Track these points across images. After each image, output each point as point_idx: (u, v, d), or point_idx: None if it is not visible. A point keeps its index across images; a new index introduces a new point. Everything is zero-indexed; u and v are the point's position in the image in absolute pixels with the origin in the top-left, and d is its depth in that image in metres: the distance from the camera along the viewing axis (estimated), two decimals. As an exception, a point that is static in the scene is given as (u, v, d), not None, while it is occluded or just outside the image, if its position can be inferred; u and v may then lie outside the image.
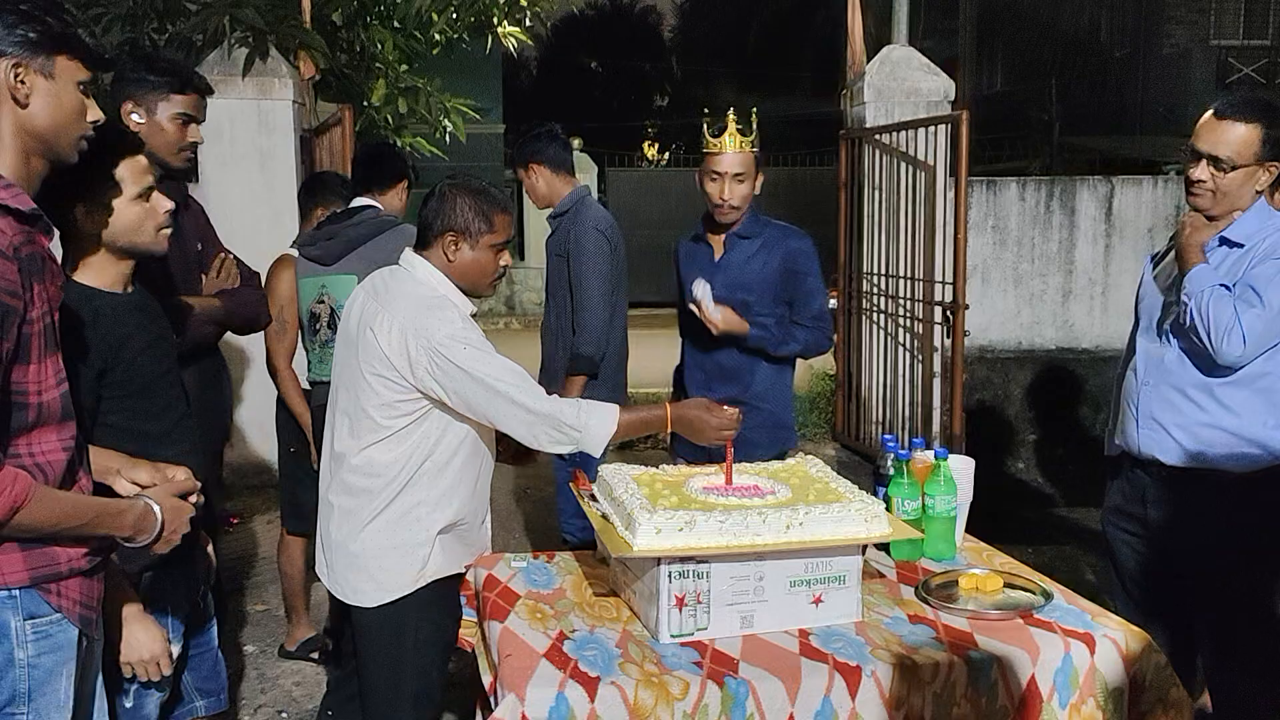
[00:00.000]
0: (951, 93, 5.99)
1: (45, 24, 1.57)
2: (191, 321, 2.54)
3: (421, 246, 2.20)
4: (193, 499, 1.84)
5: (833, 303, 7.03)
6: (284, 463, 3.65)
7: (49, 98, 1.59)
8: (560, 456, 2.71)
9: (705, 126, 2.85)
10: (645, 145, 25.95)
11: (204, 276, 2.74)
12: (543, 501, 3.32)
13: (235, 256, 2.84)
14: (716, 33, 25.13)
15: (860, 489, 2.13)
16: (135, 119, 2.52)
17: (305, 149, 6.06)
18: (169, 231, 2.04)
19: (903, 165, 5.71)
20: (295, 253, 3.40)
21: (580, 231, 3.29)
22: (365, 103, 7.14)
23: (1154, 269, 2.62)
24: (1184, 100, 16.42)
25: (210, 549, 2.25)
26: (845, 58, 6.56)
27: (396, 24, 7.25)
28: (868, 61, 6.15)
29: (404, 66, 7.34)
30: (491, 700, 1.90)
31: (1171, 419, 2.41)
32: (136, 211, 1.96)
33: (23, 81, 1.56)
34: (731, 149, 2.79)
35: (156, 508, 1.73)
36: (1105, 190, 6.14)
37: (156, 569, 2.00)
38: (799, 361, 3.02)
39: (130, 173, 1.95)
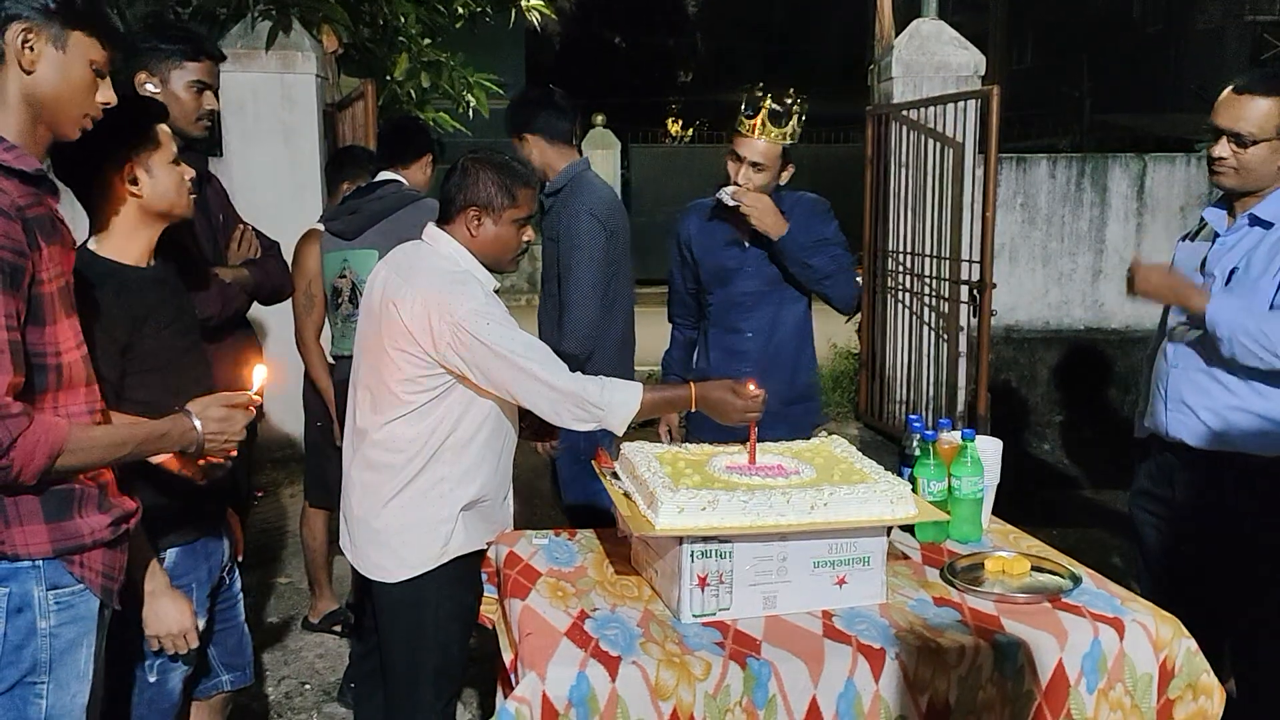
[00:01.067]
0: (982, 67, 5.88)
1: (69, 0, 1.57)
2: (226, 293, 2.53)
3: (444, 221, 2.19)
4: (249, 410, 1.84)
5: (858, 280, 7.00)
6: (310, 436, 3.67)
7: (56, 69, 1.57)
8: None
9: (743, 101, 2.74)
10: (669, 122, 25.78)
11: (226, 251, 2.74)
12: (536, 468, 3.31)
13: (254, 228, 2.83)
14: (742, 7, 24.88)
15: (885, 469, 2.11)
16: (150, 89, 2.51)
17: (328, 123, 6.05)
18: (194, 198, 2.04)
19: (930, 142, 5.63)
20: (321, 227, 3.39)
21: (571, 215, 2.95)
22: (388, 77, 7.11)
23: (1185, 247, 2.57)
24: (1218, 77, 16.14)
25: (238, 525, 2.26)
26: (873, 32, 6.46)
27: (419, -2, 7.20)
28: (896, 36, 6.05)
29: (426, 41, 7.30)
30: (512, 678, 1.89)
31: (1200, 402, 2.37)
32: (176, 175, 1.95)
33: (31, 48, 1.54)
34: (760, 136, 2.71)
35: (196, 421, 1.73)
36: (1137, 168, 6.03)
37: (180, 545, 2.01)
38: (823, 340, 3.00)
39: (165, 137, 1.95)
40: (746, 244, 2.88)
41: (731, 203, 2.75)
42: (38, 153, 1.60)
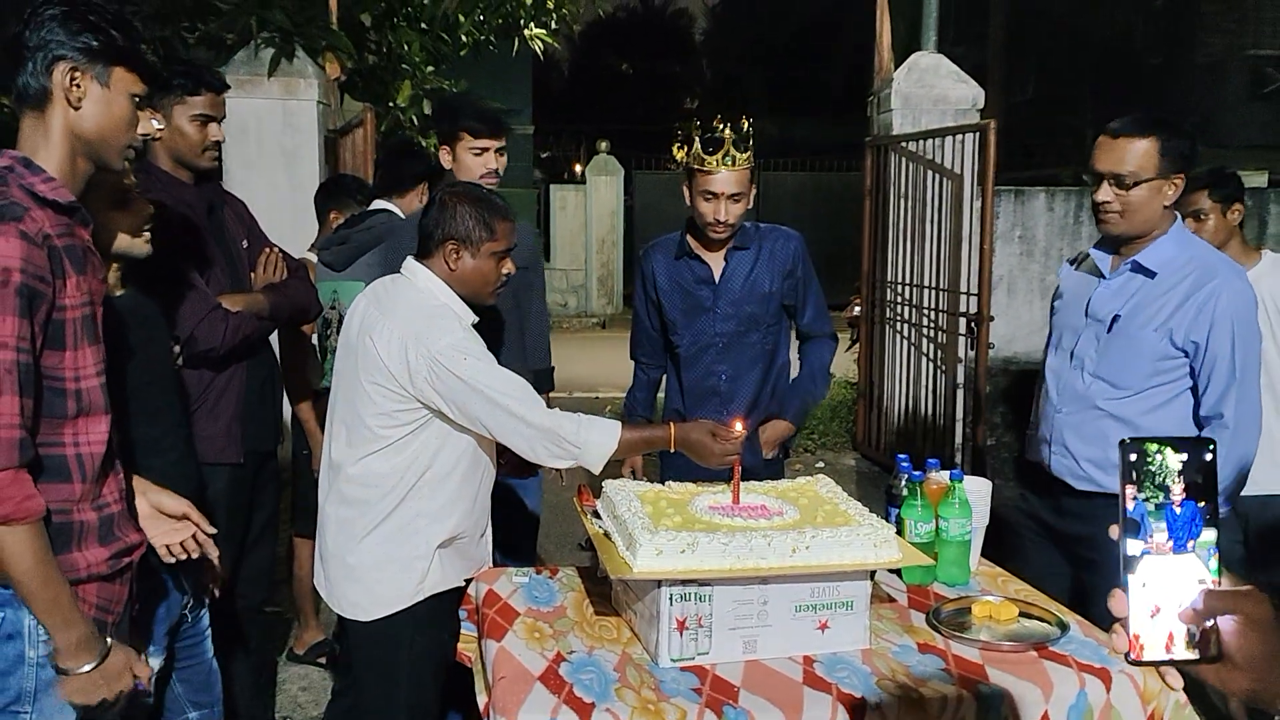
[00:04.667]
0: (980, 100, 5.90)
1: (109, 36, 1.64)
2: (231, 322, 2.48)
3: (423, 255, 2.17)
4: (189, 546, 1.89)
5: (856, 310, 6.98)
6: (296, 465, 3.64)
7: (101, 104, 1.65)
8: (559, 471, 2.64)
9: (695, 137, 2.65)
10: (674, 148, 25.83)
11: (252, 274, 2.73)
12: (558, 507, 3.27)
13: (281, 249, 2.82)
14: (747, 36, 25.04)
15: (876, 504, 2.08)
16: (154, 125, 2.52)
17: (330, 149, 6.07)
18: (147, 237, 2.02)
19: (929, 174, 5.63)
20: (313, 257, 3.38)
21: (533, 239, 3.19)
22: (391, 104, 7.15)
23: (1078, 271, 2.59)
24: (1219, 109, 16.16)
25: (216, 559, 2.21)
26: (874, 63, 6.48)
27: (424, 25, 7.25)
28: (895, 68, 6.07)
29: (430, 68, 7.34)
30: (486, 721, 1.86)
31: (1083, 451, 2.43)
32: (113, 216, 1.94)
33: (77, 85, 1.62)
34: (727, 168, 2.61)
35: (103, 669, 1.62)
36: (1137, 202, 6.02)
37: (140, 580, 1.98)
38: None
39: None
40: (718, 280, 2.80)
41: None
42: (75, 186, 1.67)
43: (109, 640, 1.65)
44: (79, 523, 1.63)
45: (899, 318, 5.99)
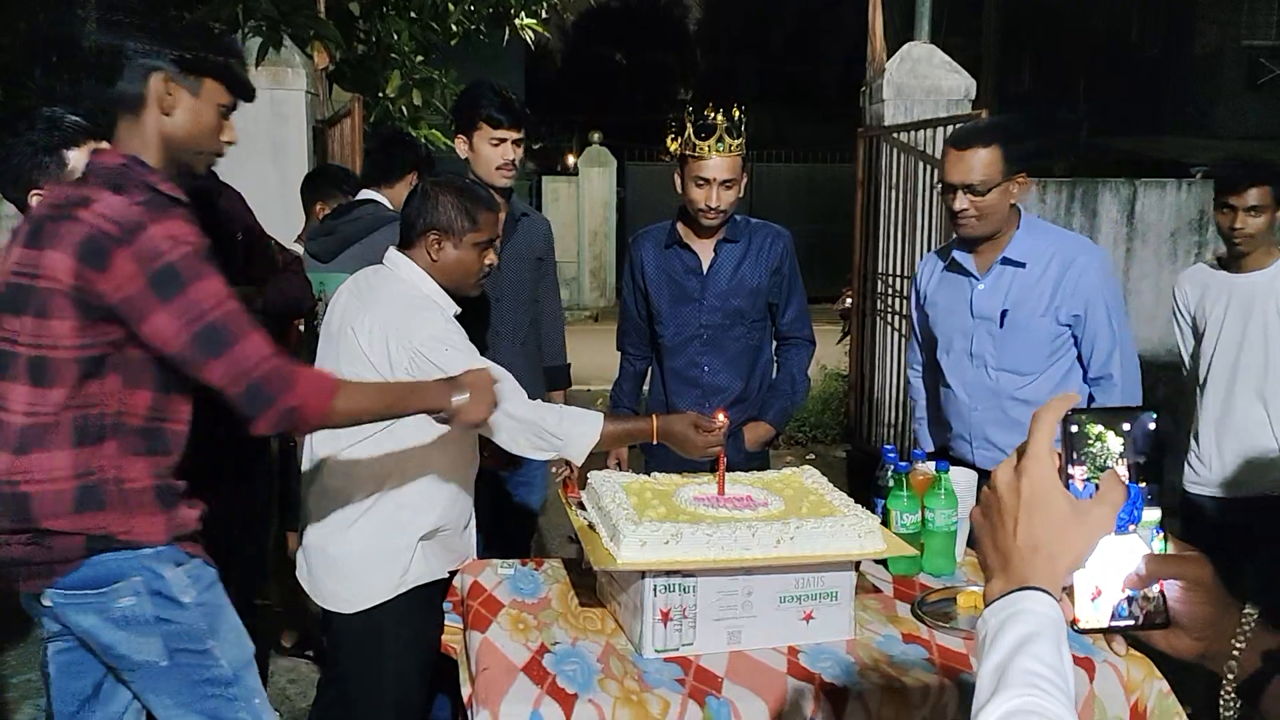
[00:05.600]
0: (973, 91, 5.88)
1: (203, 51, 1.79)
2: None
3: (405, 245, 2.16)
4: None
5: (848, 302, 6.97)
6: (286, 457, 3.62)
7: (191, 113, 1.79)
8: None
9: (688, 124, 2.65)
10: (668, 139, 25.74)
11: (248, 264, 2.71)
12: (547, 498, 3.28)
13: (277, 241, 2.79)
14: (741, 26, 24.99)
15: (865, 494, 2.07)
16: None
17: (318, 140, 6.04)
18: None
19: (921, 164, 5.62)
20: (300, 248, 3.36)
21: (548, 229, 3.12)
22: (380, 94, 7.11)
23: (941, 271, 2.71)
24: (1215, 101, 16.16)
25: None
26: (866, 54, 6.46)
27: (413, 15, 7.20)
28: (888, 58, 6.05)
29: (420, 58, 7.29)
30: (469, 713, 1.85)
31: (1005, 439, 2.56)
32: None
33: (170, 94, 1.76)
34: (720, 154, 2.62)
35: (456, 395, 1.88)
36: (1128, 193, 6.02)
37: None
38: (813, 362, 2.99)
39: (80, 161, 1.97)
40: (706, 270, 2.79)
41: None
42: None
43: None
44: (180, 485, 1.82)
45: (890, 309, 5.98)
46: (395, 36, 7.01)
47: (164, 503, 1.77)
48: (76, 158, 1.95)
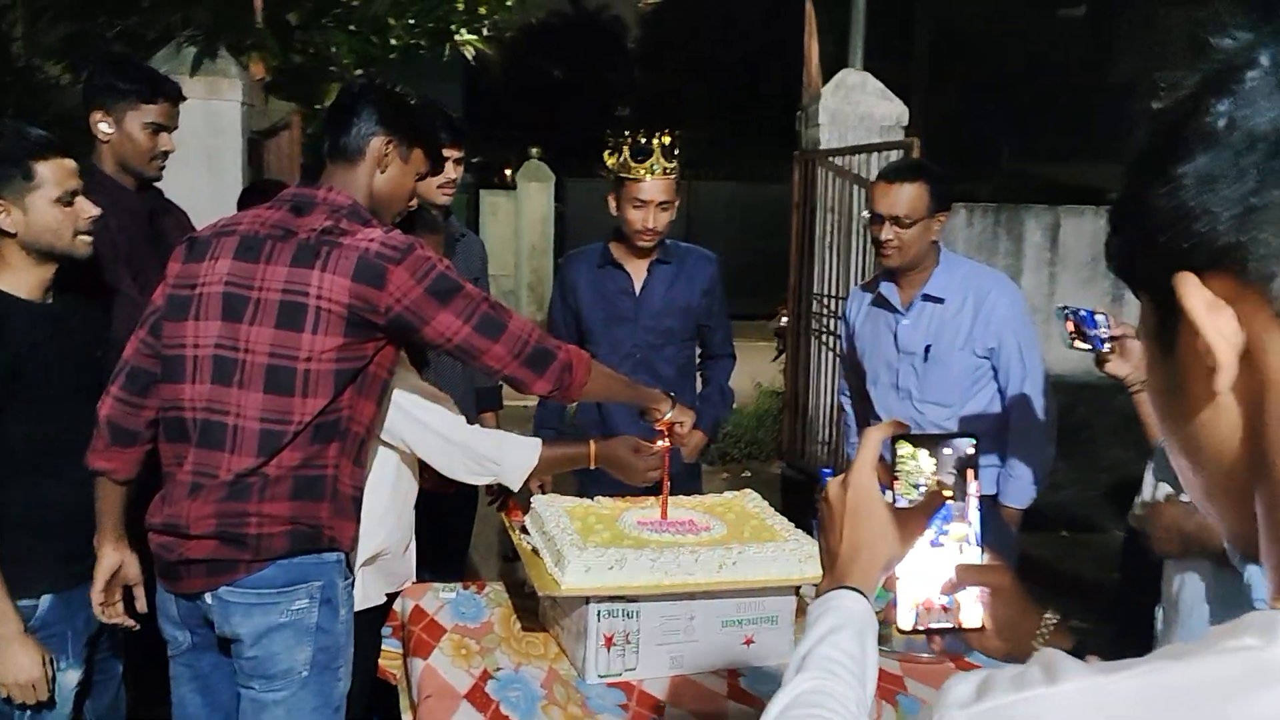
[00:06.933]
0: (905, 119, 6.04)
1: (420, 125, 2.05)
2: None
3: None
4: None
5: (783, 321, 7.08)
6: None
7: (399, 174, 2.00)
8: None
9: (624, 147, 2.72)
10: (606, 155, 25.84)
11: None
12: (482, 516, 3.27)
13: None
14: (680, 45, 25.20)
15: (801, 513, 2.11)
16: (104, 128, 2.53)
17: (253, 151, 5.94)
18: (89, 238, 2.04)
19: (855, 188, 5.75)
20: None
21: (484, 250, 3.16)
22: (318, 105, 7.02)
23: (868, 306, 2.86)
24: (1130, 128, 16.76)
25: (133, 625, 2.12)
26: (803, 79, 6.59)
27: (353, 27, 7.14)
28: (824, 84, 6.18)
29: (358, 71, 7.23)
30: (411, 740, 1.85)
31: None
32: (55, 214, 1.95)
33: (388, 155, 1.97)
34: (656, 176, 2.70)
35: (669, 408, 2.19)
36: (1050, 219, 6.24)
37: (56, 592, 1.96)
38: (748, 380, 3.06)
39: (53, 174, 1.95)
40: (639, 291, 2.86)
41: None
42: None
43: None
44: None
45: (824, 329, 6.09)
46: (335, 49, 6.94)
47: (356, 513, 1.90)
48: (43, 170, 1.93)
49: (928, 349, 2.70)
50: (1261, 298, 0.50)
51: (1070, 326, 2.04)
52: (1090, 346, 2.03)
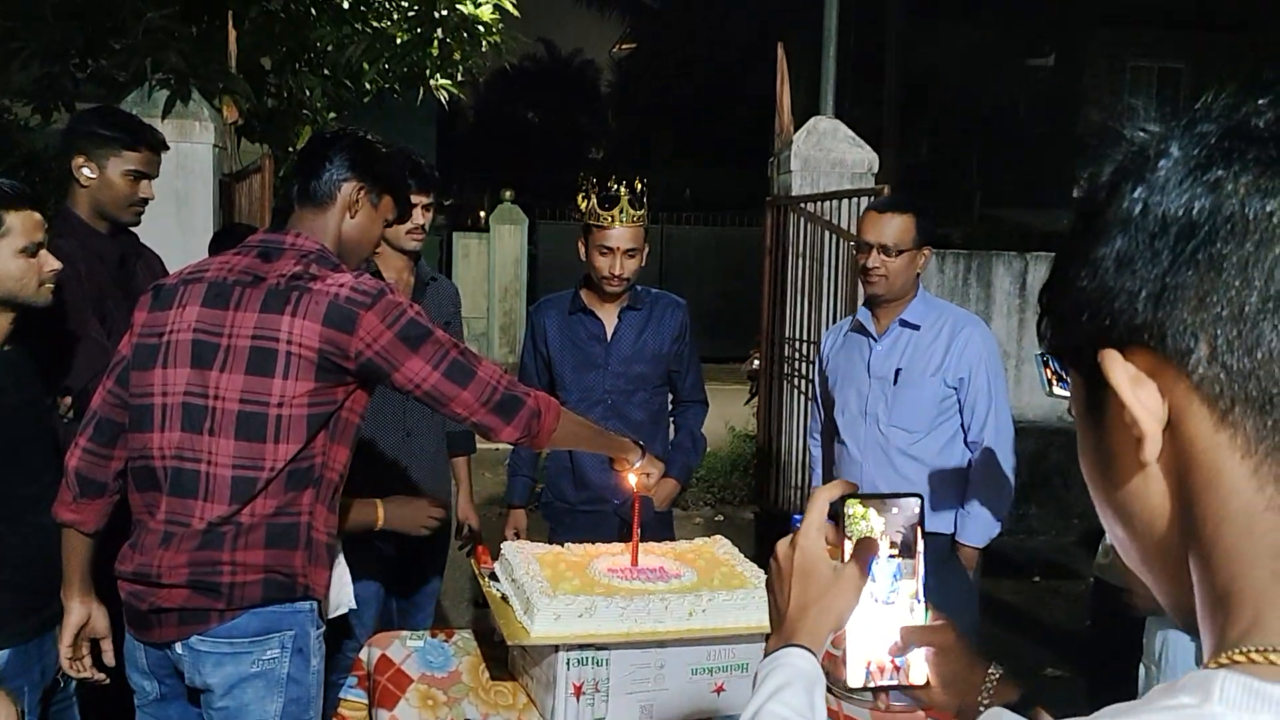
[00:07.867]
0: (875, 165, 6.13)
1: (391, 173, 2.05)
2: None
3: None
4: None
5: (755, 364, 7.10)
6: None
7: (367, 220, 2.01)
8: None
9: (592, 194, 2.74)
10: (579, 198, 25.96)
11: None
12: (451, 560, 3.24)
13: None
14: (652, 89, 25.52)
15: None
16: (86, 174, 2.53)
17: (224, 194, 5.93)
18: (50, 288, 2.03)
19: (826, 234, 5.81)
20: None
21: (456, 293, 3.10)
22: (290, 148, 7.03)
23: (845, 333, 2.95)
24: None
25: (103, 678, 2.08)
26: (775, 125, 6.68)
27: (326, 72, 7.18)
28: (795, 130, 6.27)
29: (332, 115, 7.26)
30: (375, 795, 1.81)
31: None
32: (20, 264, 1.94)
33: (357, 201, 1.98)
34: (624, 223, 2.73)
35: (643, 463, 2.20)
36: (1020, 266, 6.33)
37: (15, 646, 1.91)
38: (721, 423, 3.08)
39: (21, 224, 1.95)
40: (610, 337, 2.87)
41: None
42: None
43: None
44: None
45: (797, 373, 6.12)
46: (308, 93, 6.96)
47: (330, 561, 1.89)
48: (12, 220, 1.92)
49: (898, 372, 2.76)
50: (1180, 370, 0.53)
51: (1049, 372, 2.06)
52: (1068, 393, 2.05)
